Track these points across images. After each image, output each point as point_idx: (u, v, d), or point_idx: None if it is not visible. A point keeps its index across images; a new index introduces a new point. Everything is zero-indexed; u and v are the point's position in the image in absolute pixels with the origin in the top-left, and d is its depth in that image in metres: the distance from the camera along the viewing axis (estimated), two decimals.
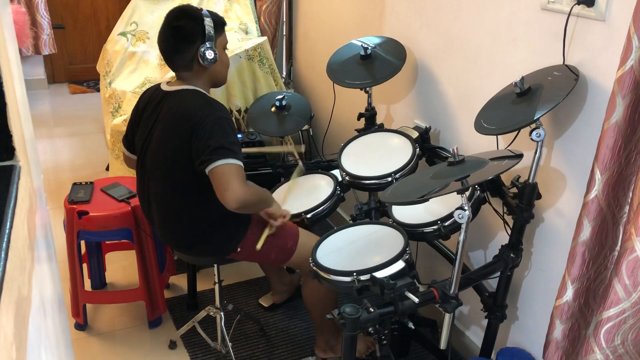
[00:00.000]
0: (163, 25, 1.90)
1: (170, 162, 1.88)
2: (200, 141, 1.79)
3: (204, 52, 1.87)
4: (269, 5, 3.33)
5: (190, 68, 1.91)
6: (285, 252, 2.06)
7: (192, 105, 1.85)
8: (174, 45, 1.89)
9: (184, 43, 1.88)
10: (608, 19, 1.56)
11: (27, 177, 0.90)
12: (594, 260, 1.60)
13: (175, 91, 1.91)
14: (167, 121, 1.89)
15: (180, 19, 1.89)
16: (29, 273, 0.78)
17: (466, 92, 2.15)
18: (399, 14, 2.47)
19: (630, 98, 1.41)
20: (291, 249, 2.05)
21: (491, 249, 2.16)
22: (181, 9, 1.92)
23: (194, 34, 1.87)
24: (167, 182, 1.92)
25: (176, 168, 1.88)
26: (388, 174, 2.05)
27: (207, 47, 1.87)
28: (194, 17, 1.87)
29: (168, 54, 1.92)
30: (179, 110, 1.87)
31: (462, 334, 2.36)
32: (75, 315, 2.45)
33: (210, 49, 1.87)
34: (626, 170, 1.49)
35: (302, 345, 2.42)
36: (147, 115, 1.97)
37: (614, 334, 1.51)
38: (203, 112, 1.81)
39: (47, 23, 4.92)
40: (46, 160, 3.98)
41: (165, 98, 1.92)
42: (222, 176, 1.75)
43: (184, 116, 1.83)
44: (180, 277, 2.78)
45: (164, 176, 1.92)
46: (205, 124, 1.79)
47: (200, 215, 1.93)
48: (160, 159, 1.91)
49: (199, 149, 1.79)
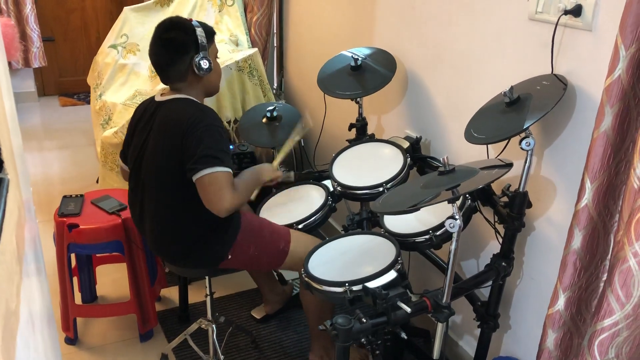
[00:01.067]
0: (154, 37, 1.91)
1: (164, 169, 1.88)
2: (189, 148, 1.80)
3: (198, 62, 1.88)
4: (259, 17, 3.34)
5: (184, 79, 1.92)
6: (278, 255, 2.05)
7: (184, 112, 1.86)
8: (167, 57, 1.90)
9: (177, 54, 1.88)
10: (595, 28, 1.58)
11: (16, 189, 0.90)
12: (585, 269, 1.60)
13: (168, 100, 1.92)
14: (159, 129, 1.89)
15: (171, 30, 1.89)
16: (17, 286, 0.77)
17: (456, 102, 2.16)
18: (388, 25, 2.48)
19: (618, 107, 1.42)
20: (284, 251, 2.04)
21: (483, 258, 2.17)
22: (171, 20, 1.93)
23: (186, 45, 1.87)
24: (160, 190, 1.92)
25: (169, 175, 1.88)
26: (379, 184, 2.05)
27: (201, 57, 1.88)
28: (185, 28, 1.88)
29: (161, 67, 1.92)
30: (171, 118, 1.87)
31: (455, 344, 2.36)
32: (66, 329, 2.43)
33: (205, 58, 1.89)
34: (616, 179, 1.50)
35: (294, 357, 2.40)
36: (141, 127, 1.97)
37: (608, 346, 1.50)
38: (194, 118, 1.82)
39: (37, 36, 4.92)
40: (36, 173, 3.96)
41: (159, 108, 1.93)
42: (208, 186, 1.77)
43: (176, 123, 1.84)
44: (172, 289, 2.76)
45: (157, 185, 1.92)
46: (195, 130, 1.80)
47: (192, 223, 1.92)
48: (154, 167, 1.91)
49: (188, 156, 1.80)
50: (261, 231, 2.04)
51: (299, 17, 3.35)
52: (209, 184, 1.77)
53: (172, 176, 1.87)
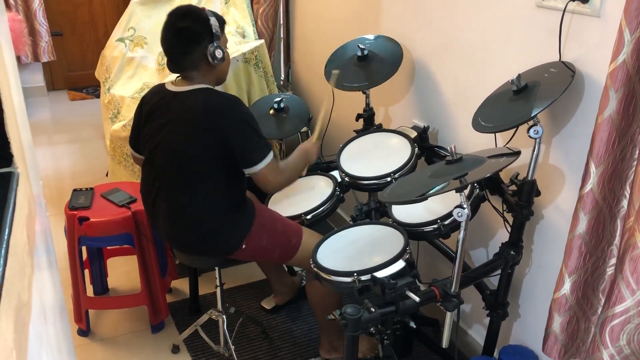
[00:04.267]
0: (167, 25, 1.90)
1: (188, 158, 1.89)
2: (234, 139, 1.86)
3: (213, 51, 1.89)
4: (265, 8, 3.33)
5: (198, 68, 1.92)
6: (289, 250, 2.06)
7: (214, 104, 1.87)
8: (181, 46, 1.89)
9: (192, 43, 1.88)
10: (603, 15, 1.57)
11: (26, 183, 0.91)
12: (591, 253, 1.60)
13: (187, 91, 1.91)
14: (184, 119, 1.89)
15: (186, 18, 1.89)
16: (29, 279, 0.78)
17: (463, 90, 2.15)
18: (395, 14, 2.47)
19: (622, 91, 1.41)
20: (295, 246, 2.05)
21: (491, 246, 2.16)
22: (186, 9, 1.92)
23: (201, 34, 1.88)
24: (180, 178, 1.92)
25: (195, 164, 1.89)
26: (387, 174, 2.05)
27: (215, 46, 1.89)
28: (200, 17, 1.89)
29: (174, 55, 1.92)
30: (199, 108, 1.87)
31: (465, 333, 2.36)
32: (78, 321, 2.46)
33: (219, 47, 1.91)
34: (622, 164, 1.49)
35: (305, 347, 2.42)
36: (157, 115, 1.96)
37: (619, 332, 1.50)
38: (229, 109, 1.87)
39: (46, 30, 4.94)
40: (46, 167, 3.99)
41: (176, 98, 1.92)
42: (266, 175, 1.92)
43: (206, 114, 1.85)
44: (182, 281, 2.78)
45: (177, 173, 1.92)
46: (233, 121, 1.85)
47: (208, 210, 1.93)
48: (174, 156, 1.90)
49: (236, 150, 1.87)
50: (274, 224, 2.05)
51: (305, 7, 3.34)
52: (263, 177, 1.92)
53: (200, 165, 1.88)
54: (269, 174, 1.92)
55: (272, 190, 2.15)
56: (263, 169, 1.90)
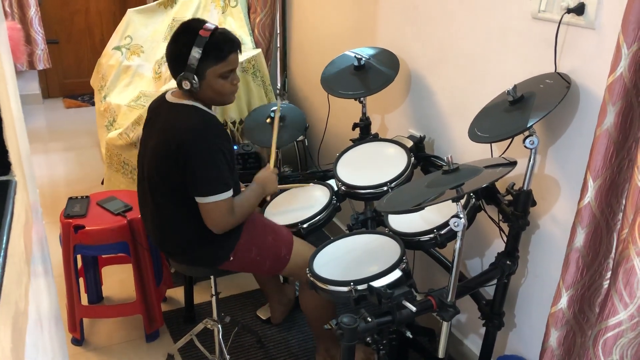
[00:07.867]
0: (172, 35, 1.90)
1: (161, 174, 1.89)
2: (190, 165, 1.80)
3: (180, 81, 1.85)
4: (262, 18, 3.34)
5: (182, 87, 1.89)
6: (280, 261, 2.06)
7: (185, 125, 1.83)
8: (169, 63, 1.90)
9: (175, 65, 1.87)
10: (598, 27, 1.58)
11: (23, 192, 0.90)
12: (588, 267, 1.60)
13: (176, 105, 1.91)
14: (161, 131, 1.89)
15: (177, 39, 1.86)
16: (26, 287, 0.78)
17: (460, 100, 2.16)
18: (391, 24, 2.49)
19: (620, 105, 1.42)
20: (285, 258, 2.05)
21: (487, 256, 2.17)
22: (184, 25, 1.88)
23: (180, 59, 1.83)
24: (158, 191, 1.93)
25: (165, 180, 1.89)
26: (384, 183, 2.06)
27: (182, 76, 1.83)
28: (188, 41, 1.81)
29: (168, 64, 1.92)
30: (172, 126, 1.86)
31: (460, 343, 2.36)
32: (72, 330, 2.44)
33: (187, 79, 1.82)
34: (619, 178, 1.50)
35: (300, 357, 2.41)
36: (150, 124, 1.98)
37: (612, 346, 1.49)
38: (196, 133, 1.81)
39: (41, 38, 4.93)
40: (42, 175, 3.98)
41: (167, 109, 1.92)
42: (210, 212, 1.84)
43: (175, 134, 1.83)
44: (177, 290, 2.77)
45: (155, 185, 1.92)
46: (196, 147, 1.79)
47: (190, 225, 1.92)
48: (152, 168, 1.91)
49: (189, 173, 1.81)
50: (265, 236, 2.05)
51: (302, 17, 3.35)
52: (210, 211, 1.84)
53: (167, 182, 1.88)
54: (214, 213, 1.83)
55: (216, 230, 1.87)
56: (209, 204, 1.82)
